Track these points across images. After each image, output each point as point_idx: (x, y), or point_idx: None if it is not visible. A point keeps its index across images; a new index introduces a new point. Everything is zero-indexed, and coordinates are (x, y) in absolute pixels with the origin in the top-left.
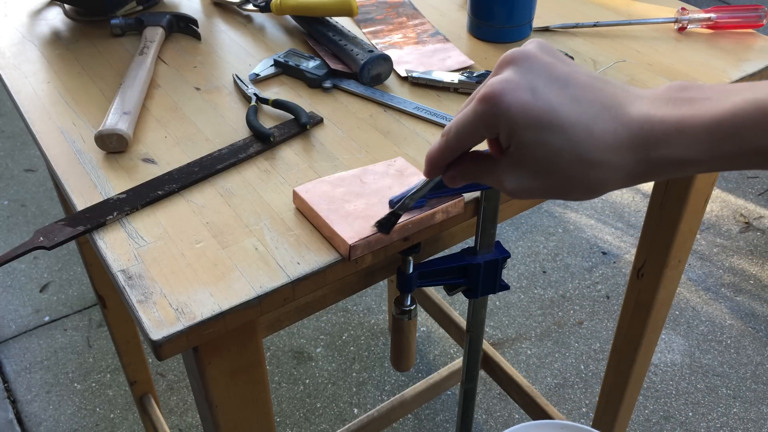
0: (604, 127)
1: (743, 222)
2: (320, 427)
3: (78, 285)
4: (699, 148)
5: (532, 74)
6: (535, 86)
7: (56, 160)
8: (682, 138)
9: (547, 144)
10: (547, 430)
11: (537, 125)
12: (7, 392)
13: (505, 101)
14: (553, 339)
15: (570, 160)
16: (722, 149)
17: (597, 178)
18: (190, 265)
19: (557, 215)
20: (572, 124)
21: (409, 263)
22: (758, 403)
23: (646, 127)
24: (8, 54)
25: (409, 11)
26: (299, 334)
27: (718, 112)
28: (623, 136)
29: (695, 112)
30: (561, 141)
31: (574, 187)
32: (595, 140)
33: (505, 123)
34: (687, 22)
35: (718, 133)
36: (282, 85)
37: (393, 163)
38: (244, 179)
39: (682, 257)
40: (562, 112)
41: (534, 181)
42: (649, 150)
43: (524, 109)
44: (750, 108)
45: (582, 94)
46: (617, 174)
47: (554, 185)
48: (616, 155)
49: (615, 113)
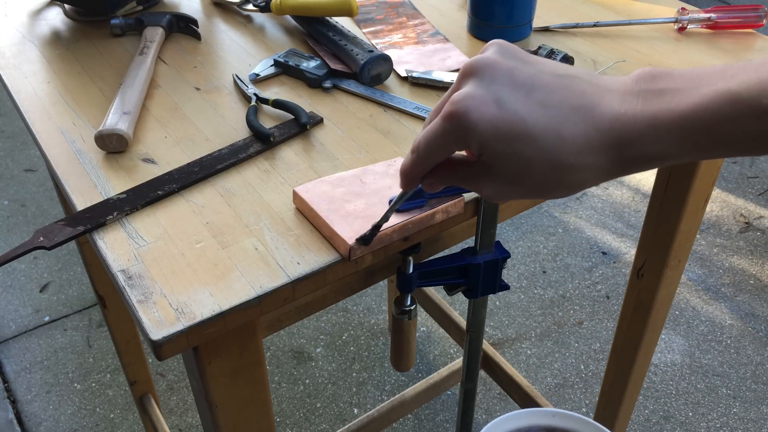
0: (574, 130)
1: (743, 222)
2: (320, 427)
3: (78, 285)
4: (672, 143)
5: (495, 84)
6: (500, 97)
7: (56, 160)
8: (655, 134)
9: (518, 153)
10: (539, 417)
11: (506, 137)
12: (7, 392)
13: (472, 118)
14: (553, 339)
15: (543, 167)
16: (695, 143)
17: (573, 179)
18: (190, 265)
19: (557, 215)
20: (541, 131)
21: (409, 263)
22: (758, 403)
23: (617, 126)
24: (8, 54)
25: (409, 11)
26: (299, 334)
27: (688, 106)
28: (594, 138)
29: (666, 107)
30: (532, 150)
31: (551, 188)
32: (567, 145)
33: (474, 138)
34: (687, 22)
35: (691, 129)
36: (282, 85)
37: (393, 163)
38: (244, 179)
39: (682, 257)
40: (530, 120)
41: (510, 187)
42: (623, 149)
43: (492, 123)
44: (720, 101)
45: (548, 97)
46: (593, 173)
47: (531, 188)
48: (589, 157)
49: (584, 114)
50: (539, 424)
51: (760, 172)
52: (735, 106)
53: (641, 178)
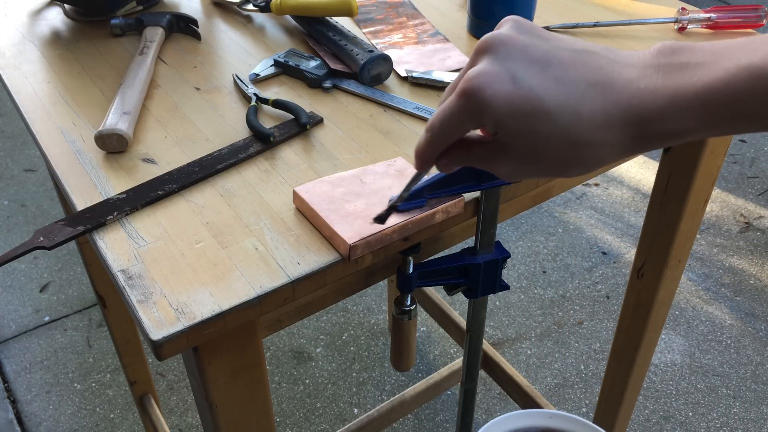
0: (592, 107)
1: (743, 222)
2: (320, 427)
3: (78, 285)
4: (693, 119)
5: (510, 60)
6: (515, 73)
7: (56, 160)
8: (676, 111)
9: (535, 131)
10: (536, 419)
11: (522, 114)
12: (7, 392)
13: (486, 95)
14: (553, 339)
15: (560, 144)
16: (718, 118)
17: (591, 156)
18: (190, 265)
19: (557, 215)
20: (558, 107)
21: (409, 263)
22: (758, 403)
23: (637, 102)
24: (8, 54)
25: (409, 11)
26: (299, 334)
27: (710, 81)
28: (614, 114)
29: (687, 81)
30: (549, 127)
31: (569, 166)
32: (585, 121)
33: (489, 116)
34: (687, 22)
35: (712, 104)
36: (282, 85)
37: (393, 163)
38: (244, 179)
39: (682, 257)
40: (546, 97)
41: (527, 165)
42: (643, 126)
43: (507, 100)
44: (744, 75)
45: (565, 73)
46: (612, 150)
47: (548, 166)
48: (608, 133)
49: (602, 90)
50: (536, 426)
51: (760, 172)
52: (758, 82)
53: (641, 178)
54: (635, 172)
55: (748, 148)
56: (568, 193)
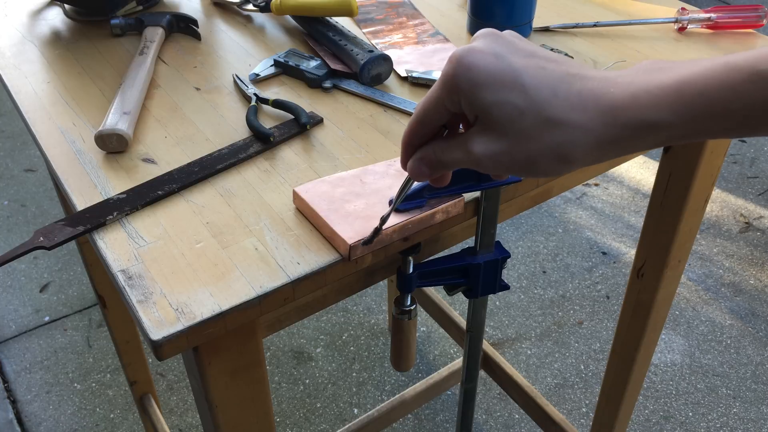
0: (568, 90)
1: (743, 222)
2: (320, 427)
3: (78, 285)
4: (668, 109)
5: (497, 44)
6: (498, 52)
7: (56, 160)
8: (650, 98)
9: (509, 103)
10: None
11: (499, 84)
12: (7, 392)
13: (467, 61)
14: (553, 339)
15: (534, 120)
16: (692, 110)
17: (563, 141)
18: (190, 265)
19: (557, 215)
20: (536, 85)
21: (409, 263)
22: (758, 403)
23: (612, 90)
24: (8, 54)
25: (409, 11)
26: (299, 334)
27: (686, 73)
28: (588, 97)
29: (663, 76)
30: (524, 100)
31: (541, 152)
32: (560, 101)
33: (467, 82)
34: (687, 22)
35: (687, 91)
36: (282, 85)
37: (393, 163)
38: (244, 179)
39: (682, 257)
40: (525, 74)
41: (499, 143)
42: (617, 112)
43: (486, 69)
44: (719, 68)
45: (547, 63)
46: (585, 137)
47: (520, 149)
48: (581, 115)
49: (580, 79)
50: None
51: (760, 172)
52: (730, 73)
53: (641, 178)
54: (635, 172)
55: (748, 148)
56: (568, 193)
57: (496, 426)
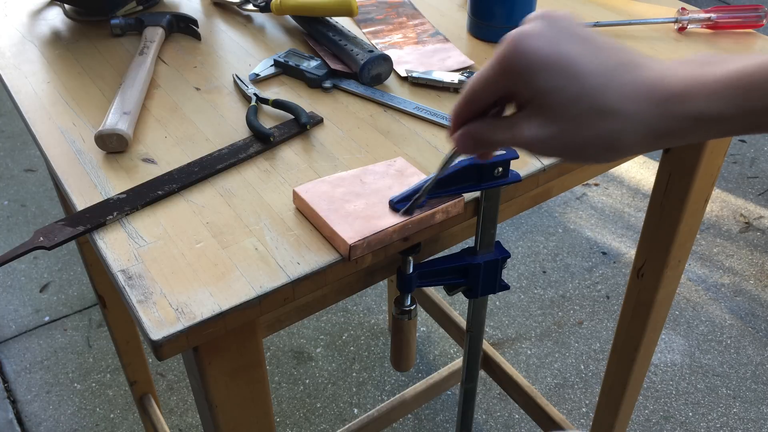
0: (621, 79)
1: (743, 222)
2: (320, 427)
3: (78, 285)
4: (722, 101)
5: (554, 29)
6: (555, 37)
7: (56, 160)
8: (704, 90)
9: (564, 89)
10: None
11: (554, 70)
12: (7, 392)
13: (524, 44)
14: (553, 339)
15: (587, 108)
16: (747, 102)
17: (615, 130)
18: (190, 265)
19: (557, 215)
20: (590, 72)
21: (409, 263)
22: (758, 403)
23: (666, 81)
24: (8, 54)
25: (409, 11)
26: (299, 334)
27: (742, 65)
28: (642, 87)
29: (716, 69)
30: (578, 87)
31: (591, 140)
32: (613, 89)
33: (522, 66)
34: (687, 22)
35: (742, 83)
36: (282, 85)
37: (393, 163)
38: (244, 179)
39: (682, 257)
40: (580, 62)
41: (550, 128)
42: (670, 103)
43: (541, 55)
44: None
45: (601, 51)
46: (637, 127)
47: (571, 136)
48: (634, 105)
49: (633, 68)
50: None
51: (760, 172)
52: None
53: (641, 178)
54: (635, 172)
55: (748, 148)
56: (568, 193)
57: (496, 426)
